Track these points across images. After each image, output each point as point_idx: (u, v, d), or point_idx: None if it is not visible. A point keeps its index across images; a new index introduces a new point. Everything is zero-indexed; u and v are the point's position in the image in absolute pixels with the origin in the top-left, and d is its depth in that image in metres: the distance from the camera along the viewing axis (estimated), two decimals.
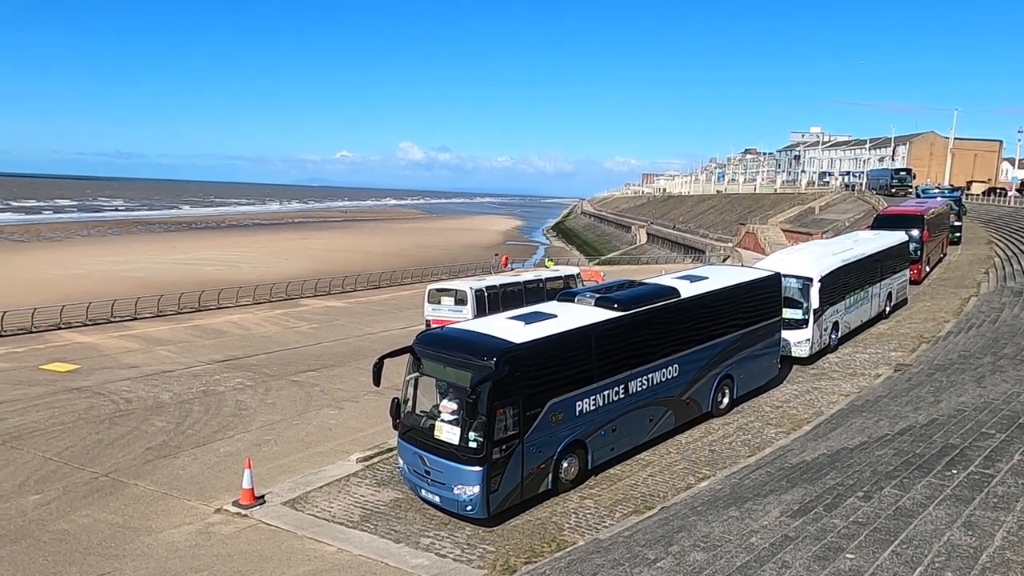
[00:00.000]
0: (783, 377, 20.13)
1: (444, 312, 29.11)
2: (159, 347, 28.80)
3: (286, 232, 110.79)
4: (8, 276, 50.82)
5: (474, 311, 28.46)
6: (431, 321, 28.33)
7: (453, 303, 29.68)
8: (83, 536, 13.11)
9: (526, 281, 33.77)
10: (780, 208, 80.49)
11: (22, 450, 17.24)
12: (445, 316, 28.13)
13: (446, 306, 29.72)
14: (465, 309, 29.00)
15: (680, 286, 17.06)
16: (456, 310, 29.08)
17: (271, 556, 12.20)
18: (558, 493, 13.76)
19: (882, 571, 5.38)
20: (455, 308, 29.31)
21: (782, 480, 10.31)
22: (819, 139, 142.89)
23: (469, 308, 29.01)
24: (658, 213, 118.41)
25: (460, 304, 29.42)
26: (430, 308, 30.14)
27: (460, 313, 28.43)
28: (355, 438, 18.00)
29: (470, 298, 29.48)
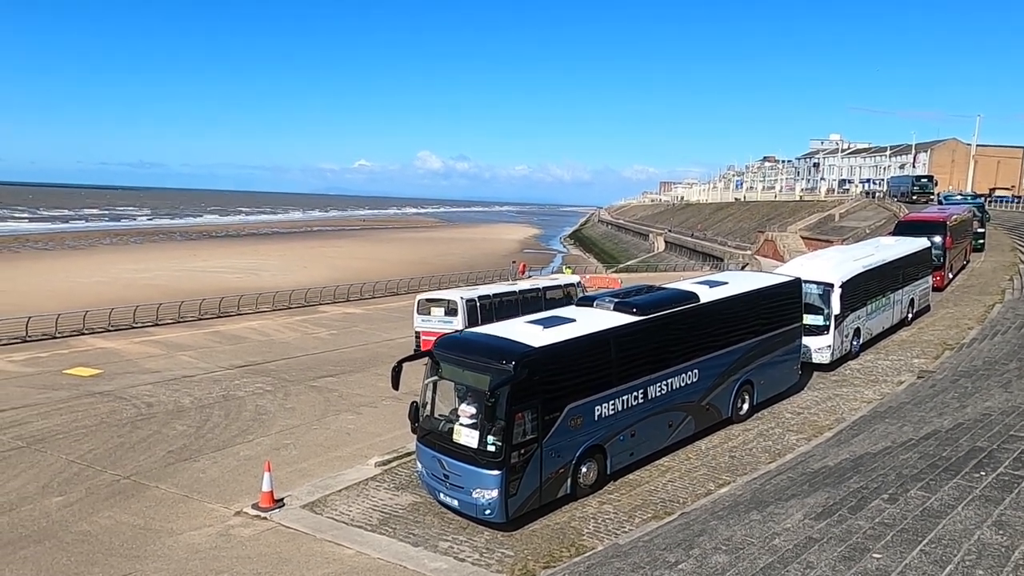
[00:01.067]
0: (804, 383, 19.93)
1: (434, 323, 27.36)
2: (180, 352, 29.07)
3: (305, 240, 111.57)
4: (33, 283, 51.58)
5: (465, 322, 26.63)
6: (421, 333, 27.17)
7: (443, 314, 27.72)
8: (105, 537, 13.22)
9: (523, 290, 31.90)
10: (799, 215, 79.91)
11: (46, 452, 17.44)
12: (435, 328, 26.55)
13: (436, 317, 27.82)
14: (455, 320, 27.06)
15: (699, 291, 16.96)
16: (447, 321, 27.14)
17: (290, 558, 12.22)
18: (577, 498, 13.69)
19: (910, 570, 5.29)
20: (445, 319, 27.42)
21: (804, 485, 10.19)
22: (839, 146, 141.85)
23: (460, 319, 27.13)
24: (676, 221, 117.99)
25: (450, 315, 27.53)
26: (419, 320, 28.29)
27: (450, 325, 26.51)
28: (373, 443, 18.04)
29: (461, 308, 27.63)
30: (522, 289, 32.13)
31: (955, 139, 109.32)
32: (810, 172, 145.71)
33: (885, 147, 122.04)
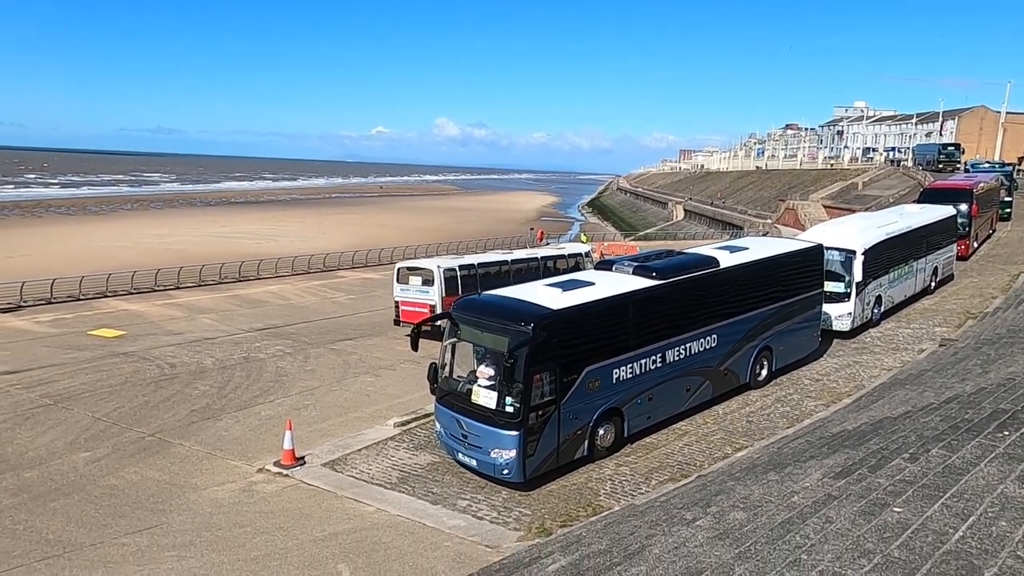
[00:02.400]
0: (823, 351, 19.83)
1: (412, 293, 26.22)
2: (201, 315, 29.42)
3: (323, 207, 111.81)
4: (56, 247, 52.24)
5: (441, 294, 25.49)
6: (400, 303, 26.29)
7: (420, 283, 26.19)
8: (131, 491, 13.54)
9: (517, 260, 29.73)
10: (821, 184, 78.74)
11: (72, 410, 17.81)
12: (413, 297, 26.00)
13: (414, 286, 26.32)
14: (431, 291, 25.79)
15: (719, 256, 16.84)
16: (423, 291, 25.98)
17: (312, 514, 12.46)
18: (594, 460, 13.81)
19: (931, 522, 5.30)
20: (422, 289, 26.07)
21: (823, 447, 10.19)
22: (863, 114, 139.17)
23: (435, 290, 25.71)
24: (695, 189, 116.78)
25: (427, 285, 26.00)
26: (398, 288, 26.64)
27: (427, 295, 25.71)
28: (392, 404, 18.23)
29: (437, 278, 25.91)
30: (516, 259, 30.04)
31: (983, 106, 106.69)
32: (833, 140, 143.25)
33: (911, 115, 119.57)
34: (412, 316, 25.15)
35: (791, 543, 5.67)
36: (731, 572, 5.40)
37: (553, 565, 7.65)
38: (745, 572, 5.32)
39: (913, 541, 5.13)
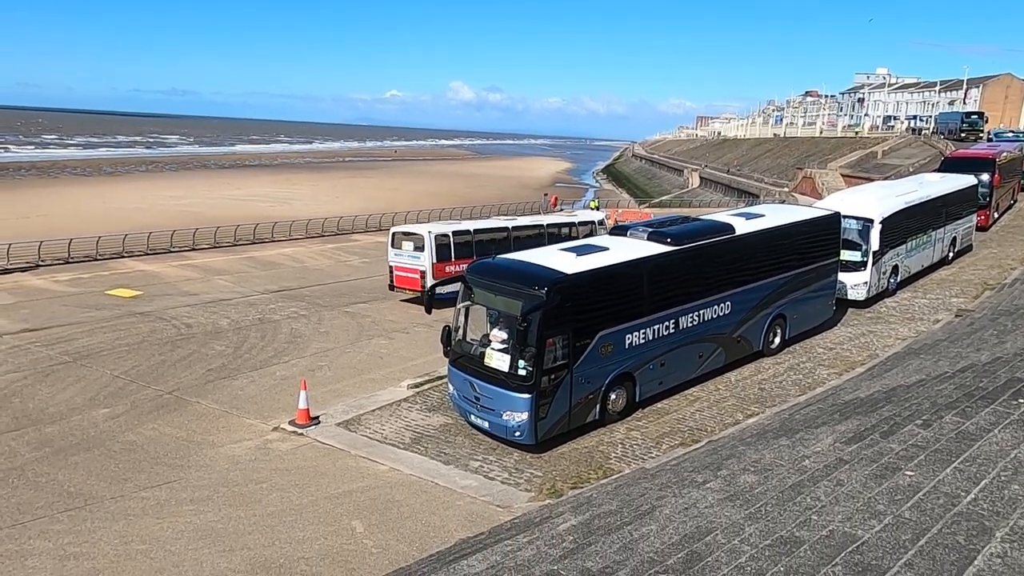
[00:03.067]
0: (838, 319, 19.76)
1: (404, 258, 25.55)
2: (216, 277, 29.64)
3: (337, 171, 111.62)
4: (73, 208, 52.55)
5: (431, 260, 24.89)
6: (393, 268, 25.81)
7: (412, 249, 25.45)
8: (150, 447, 13.80)
9: (518, 227, 28.53)
10: (840, 152, 77.69)
11: (91, 368, 18.08)
12: (405, 263, 25.41)
13: (406, 252, 25.62)
14: (422, 256, 25.06)
15: (735, 223, 16.73)
16: (414, 256, 25.29)
17: (326, 472, 12.67)
18: (605, 424, 13.92)
19: (943, 485, 5.33)
20: (413, 254, 25.35)
21: (835, 414, 10.21)
22: (885, 81, 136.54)
23: (426, 256, 24.97)
24: (712, 157, 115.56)
25: (418, 250, 25.23)
26: (392, 253, 26.07)
27: (417, 260, 25.07)
28: (405, 366, 18.38)
29: (428, 244, 25.05)
30: (519, 225, 28.77)
31: (1010, 74, 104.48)
32: (854, 108, 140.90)
33: (935, 82, 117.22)
34: (404, 281, 25.23)
35: (801, 505, 5.72)
36: (741, 532, 5.45)
37: (564, 524, 7.75)
38: (755, 532, 5.38)
39: (924, 503, 5.16)
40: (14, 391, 16.39)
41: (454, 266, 24.53)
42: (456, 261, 24.93)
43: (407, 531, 10.60)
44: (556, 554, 6.28)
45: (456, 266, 24.57)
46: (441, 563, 7.65)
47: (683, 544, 5.54)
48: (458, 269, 24.37)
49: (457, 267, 24.46)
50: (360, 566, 9.66)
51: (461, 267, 24.44)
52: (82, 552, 10.10)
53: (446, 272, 24.30)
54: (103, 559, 9.93)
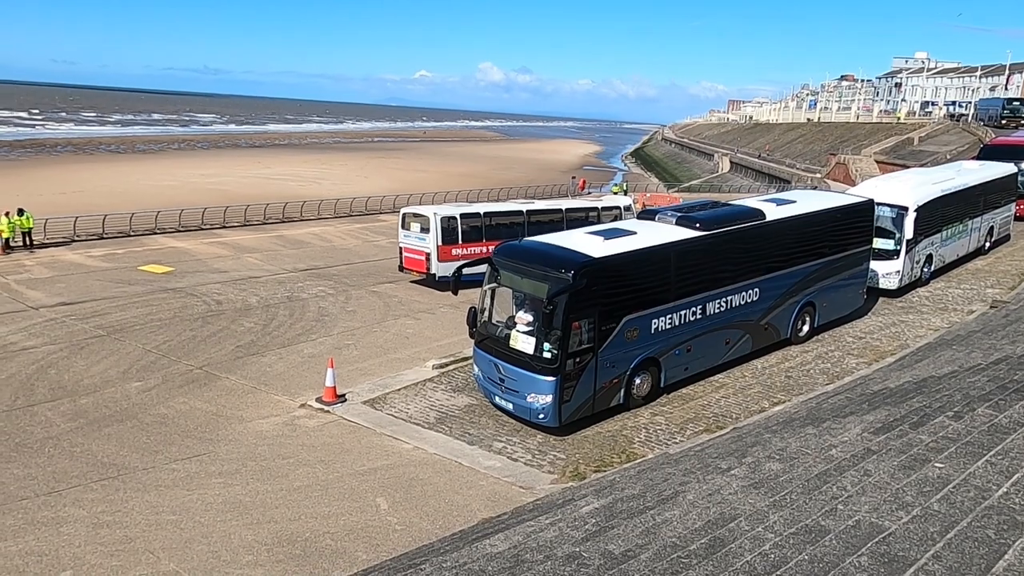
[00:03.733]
0: (868, 308, 19.47)
1: (412, 240, 25.28)
2: (246, 254, 29.98)
3: (366, 151, 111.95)
4: (108, 184, 53.40)
5: (437, 242, 24.53)
6: (403, 249, 25.60)
7: (419, 230, 25.13)
8: (181, 420, 14.08)
9: (534, 211, 27.51)
10: (875, 138, 76.15)
11: (124, 341, 18.45)
12: (413, 244, 25.17)
13: (414, 233, 25.29)
14: (427, 238, 24.75)
15: (766, 208, 16.51)
16: (421, 238, 24.97)
17: (351, 449, 12.84)
18: (629, 408, 13.90)
19: (974, 478, 5.25)
20: (420, 236, 25.03)
21: (863, 404, 10.08)
22: (924, 65, 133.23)
23: (431, 238, 24.62)
24: (743, 141, 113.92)
25: (424, 232, 24.91)
26: (402, 234, 25.78)
27: (423, 242, 24.77)
28: (431, 347, 18.49)
29: (434, 226, 24.62)
30: (534, 209, 27.80)
31: None
32: (890, 93, 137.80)
33: (975, 67, 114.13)
34: (412, 263, 25.18)
35: (827, 494, 5.67)
36: (765, 519, 5.43)
37: (586, 507, 7.78)
38: (779, 520, 5.36)
39: (954, 496, 5.09)
40: (51, 363, 16.79)
41: (461, 249, 24.47)
42: (464, 244, 24.81)
43: (430, 509, 10.71)
44: (578, 536, 6.31)
45: (464, 249, 24.57)
46: (464, 541, 7.73)
47: (706, 530, 5.54)
48: (466, 252, 24.30)
49: (465, 250, 24.53)
50: (384, 542, 9.79)
51: (469, 250, 24.39)
52: (115, 521, 10.36)
53: (452, 255, 24.33)
54: (135, 528, 10.18)
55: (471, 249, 24.55)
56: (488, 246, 24.49)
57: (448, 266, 24.08)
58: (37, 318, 20.16)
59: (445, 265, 24.22)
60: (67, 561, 9.36)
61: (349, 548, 9.71)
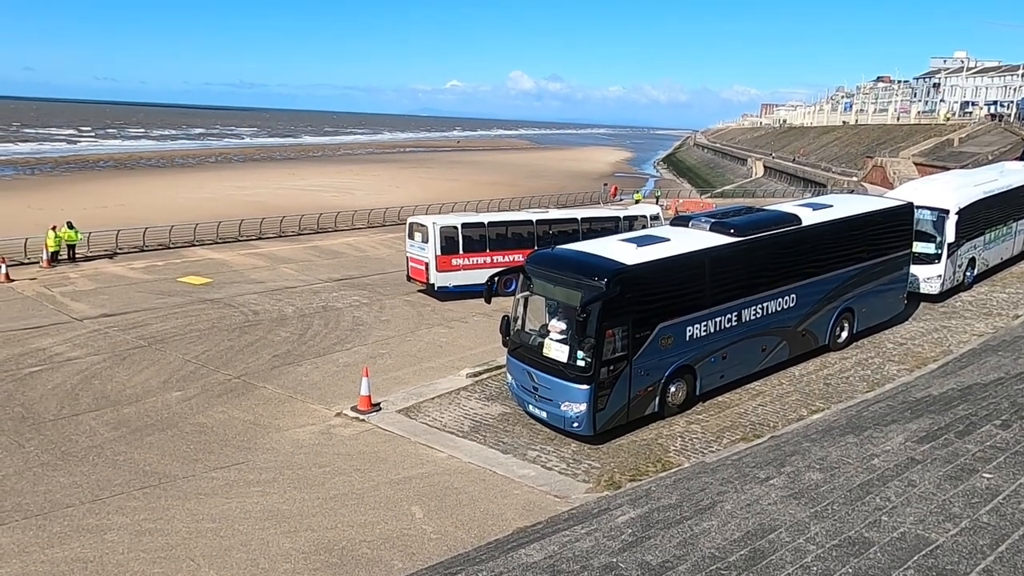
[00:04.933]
0: (909, 314, 19.06)
1: (415, 249, 24.96)
2: (282, 265, 30.41)
3: (397, 161, 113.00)
4: (148, 198, 54.63)
5: (436, 252, 24.12)
6: (409, 258, 25.33)
7: (421, 240, 24.72)
8: (219, 429, 14.30)
9: (543, 220, 26.53)
10: (913, 140, 74.70)
11: (165, 352, 18.81)
12: (416, 254, 24.90)
13: (417, 242, 24.91)
14: (427, 248, 24.34)
15: (802, 213, 16.28)
16: (422, 247, 24.63)
17: (387, 458, 12.90)
18: (664, 417, 13.77)
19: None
20: (421, 246, 24.66)
21: (905, 412, 9.86)
22: (963, 65, 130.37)
23: (431, 247, 24.18)
24: (777, 145, 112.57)
25: (425, 241, 24.49)
26: (408, 243, 25.48)
27: (423, 251, 24.42)
28: (464, 355, 18.53)
29: (432, 236, 24.14)
30: (544, 219, 26.70)
31: None
32: (929, 93, 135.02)
33: (1017, 65, 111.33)
34: (416, 273, 25.10)
35: (871, 505, 5.55)
36: (806, 531, 5.32)
37: (622, 517, 7.71)
38: (821, 531, 5.25)
39: (1004, 507, 4.94)
40: (94, 373, 17.19)
41: (462, 259, 24.32)
42: (465, 254, 24.48)
43: (465, 518, 10.71)
44: (615, 546, 6.26)
45: (465, 259, 24.38)
46: (499, 551, 7.71)
47: (746, 541, 5.45)
48: (467, 263, 24.26)
49: (466, 260, 24.37)
50: (419, 551, 9.81)
51: (471, 261, 24.33)
52: (156, 528, 10.55)
53: (452, 265, 24.21)
54: (176, 535, 10.34)
55: (473, 259, 24.42)
56: (493, 256, 24.60)
57: (447, 276, 24.33)
58: (81, 329, 20.67)
59: (444, 275, 24.21)
60: (111, 568, 9.54)
61: (385, 557, 9.75)
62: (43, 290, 25.14)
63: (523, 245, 24.73)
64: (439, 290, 24.39)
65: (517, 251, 24.52)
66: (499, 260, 24.47)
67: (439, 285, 24.34)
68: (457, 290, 24.34)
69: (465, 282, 24.14)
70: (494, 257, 24.64)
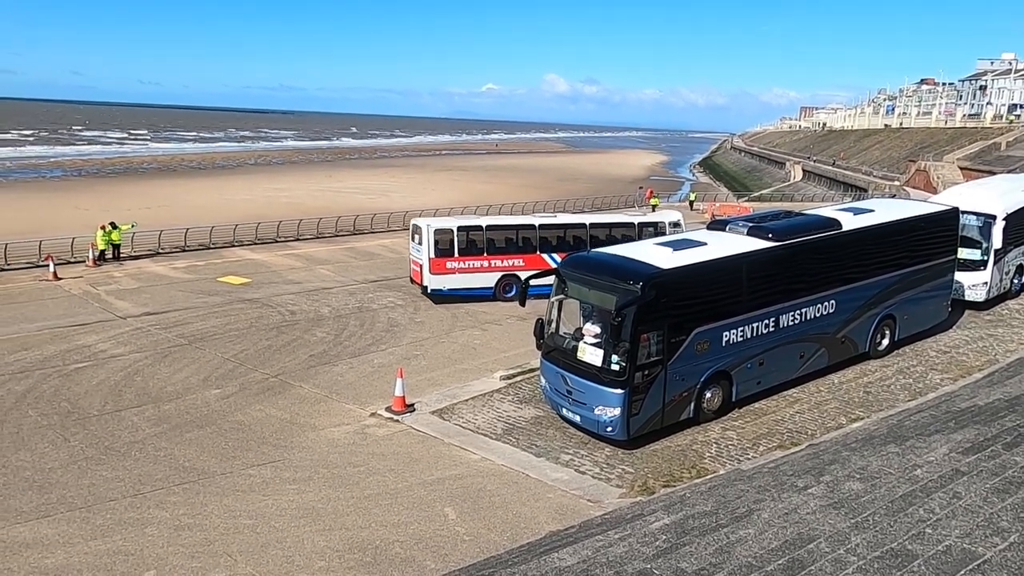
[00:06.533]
0: (953, 322, 18.62)
1: (413, 251, 24.93)
2: (319, 266, 30.78)
3: (432, 163, 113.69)
4: (190, 199, 55.79)
5: (429, 254, 23.78)
6: (411, 260, 25.22)
7: (417, 242, 24.47)
8: (257, 427, 14.52)
9: (546, 225, 25.54)
10: (958, 144, 72.86)
11: (204, 350, 19.17)
12: (414, 255, 24.82)
13: (415, 244, 24.75)
14: (422, 250, 24.11)
15: (842, 218, 16.01)
16: (418, 249, 24.44)
17: (420, 459, 12.97)
18: (699, 423, 13.63)
19: None
20: (418, 247, 24.45)
21: (949, 422, 9.61)
22: (1012, 67, 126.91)
23: (424, 249, 23.92)
24: (816, 149, 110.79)
25: (420, 244, 24.23)
26: (411, 245, 25.40)
27: (419, 253, 24.27)
28: (498, 358, 18.55)
29: (425, 237, 23.85)
30: (548, 224, 25.74)
31: None
32: (974, 96, 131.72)
33: None
34: (415, 274, 25.01)
35: (914, 516, 5.42)
36: (847, 541, 5.22)
37: (656, 523, 7.65)
38: (862, 542, 5.14)
39: None
40: (137, 370, 17.58)
41: (457, 262, 24.05)
42: (461, 257, 24.07)
43: (498, 520, 10.72)
44: (649, 552, 6.21)
45: (461, 263, 24.11)
46: (532, 554, 7.70)
47: (783, 550, 5.36)
48: (463, 267, 24.04)
49: (462, 264, 24.11)
50: (452, 552, 9.85)
51: (467, 264, 24.10)
52: (195, 523, 10.74)
53: (446, 268, 23.96)
54: (214, 531, 10.52)
55: (470, 263, 24.18)
56: (491, 260, 24.37)
57: (441, 279, 24.03)
58: (125, 327, 21.16)
59: (438, 278, 23.98)
60: (151, 561, 9.74)
61: (418, 557, 9.79)
62: (89, 288, 25.80)
63: (524, 250, 24.53)
64: (433, 293, 24.22)
65: (517, 256, 24.48)
66: (497, 265, 24.40)
67: (432, 288, 24.11)
68: (453, 294, 24.19)
69: (461, 286, 24.08)
70: (492, 261, 24.43)
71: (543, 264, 23.14)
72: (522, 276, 18.79)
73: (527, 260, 24.30)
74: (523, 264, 24.15)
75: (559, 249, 24.49)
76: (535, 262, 23.87)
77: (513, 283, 24.14)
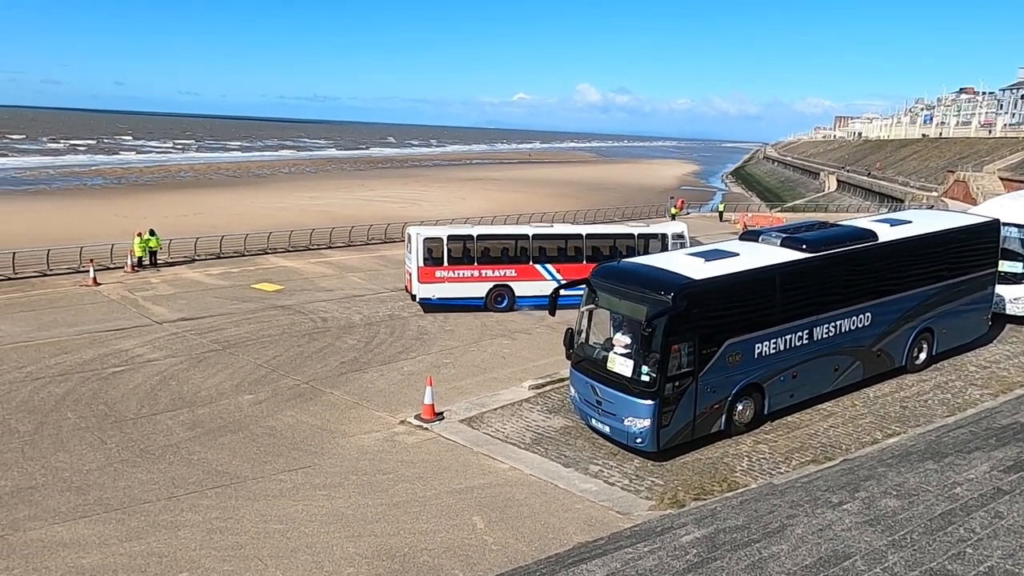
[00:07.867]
0: (993, 336, 18.15)
1: (407, 259, 24.83)
2: (350, 274, 31.10)
3: (464, 173, 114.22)
4: (225, 207, 56.72)
5: (418, 263, 23.52)
6: (406, 270, 25.11)
7: (409, 250, 24.36)
8: (288, 433, 14.67)
9: (540, 235, 24.98)
10: (999, 154, 71.26)
11: (238, 356, 19.44)
12: (407, 264, 24.78)
13: (407, 252, 24.60)
14: (412, 258, 23.94)
15: (878, 229, 15.73)
16: (409, 257, 24.32)
17: (449, 467, 12.99)
18: (731, 435, 13.47)
19: None
20: (409, 255, 24.29)
21: (990, 439, 9.38)
22: None
23: (414, 258, 23.71)
24: (851, 159, 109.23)
25: (410, 252, 24.10)
26: (406, 253, 25.24)
27: (410, 262, 24.14)
28: (527, 367, 18.54)
29: (415, 246, 23.59)
30: (542, 234, 25.20)
31: None
32: (1016, 105, 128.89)
33: None
34: (408, 281, 24.97)
35: (953, 536, 5.29)
36: (883, 560, 5.11)
37: (687, 536, 7.56)
38: (900, 561, 5.03)
39: None
40: (172, 375, 17.89)
41: (447, 272, 23.83)
42: (450, 266, 23.80)
43: (526, 530, 10.68)
44: (679, 566, 6.14)
45: (451, 272, 23.87)
46: (560, 566, 7.66)
47: (818, 568, 5.26)
48: (452, 276, 23.82)
49: (452, 273, 23.88)
50: (480, 562, 9.83)
51: (457, 273, 23.86)
52: (227, 527, 10.88)
53: (435, 277, 23.73)
54: (245, 535, 10.65)
55: (460, 272, 23.96)
56: (482, 270, 24.16)
57: (430, 288, 23.78)
58: (160, 332, 21.56)
59: (427, 287, 23.77)
60: (184, 563, 9.88)
61: (446, 566, 9.80)
62: (127, 294, 26.35)
63: (517, 260, 24.29)
64: (421, 302, 24.11)
65: (510, 266, 24.28)
66: (488, 275, 24.21)
67: (421, 297, 23.97)
68: (442, 303, 24.05)
69: (451, 295, 23.93)
70: (483, 271, 24.24)
71: (536, 275, 23.32)
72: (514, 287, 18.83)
73: (520, 271, 24.26)
74: (515, 275, 24.17)
75: (555, 260, 24.36)
76: (528, 273, 23.97)
77: (505, 294, 24.22)
